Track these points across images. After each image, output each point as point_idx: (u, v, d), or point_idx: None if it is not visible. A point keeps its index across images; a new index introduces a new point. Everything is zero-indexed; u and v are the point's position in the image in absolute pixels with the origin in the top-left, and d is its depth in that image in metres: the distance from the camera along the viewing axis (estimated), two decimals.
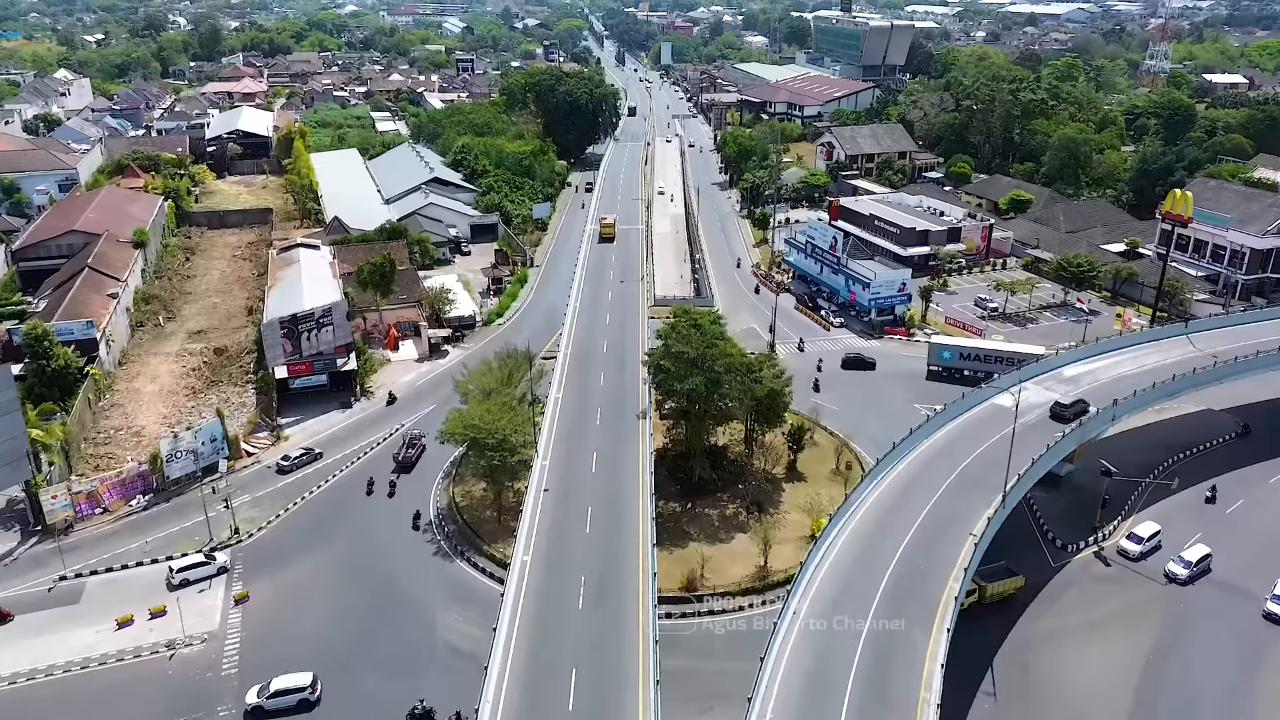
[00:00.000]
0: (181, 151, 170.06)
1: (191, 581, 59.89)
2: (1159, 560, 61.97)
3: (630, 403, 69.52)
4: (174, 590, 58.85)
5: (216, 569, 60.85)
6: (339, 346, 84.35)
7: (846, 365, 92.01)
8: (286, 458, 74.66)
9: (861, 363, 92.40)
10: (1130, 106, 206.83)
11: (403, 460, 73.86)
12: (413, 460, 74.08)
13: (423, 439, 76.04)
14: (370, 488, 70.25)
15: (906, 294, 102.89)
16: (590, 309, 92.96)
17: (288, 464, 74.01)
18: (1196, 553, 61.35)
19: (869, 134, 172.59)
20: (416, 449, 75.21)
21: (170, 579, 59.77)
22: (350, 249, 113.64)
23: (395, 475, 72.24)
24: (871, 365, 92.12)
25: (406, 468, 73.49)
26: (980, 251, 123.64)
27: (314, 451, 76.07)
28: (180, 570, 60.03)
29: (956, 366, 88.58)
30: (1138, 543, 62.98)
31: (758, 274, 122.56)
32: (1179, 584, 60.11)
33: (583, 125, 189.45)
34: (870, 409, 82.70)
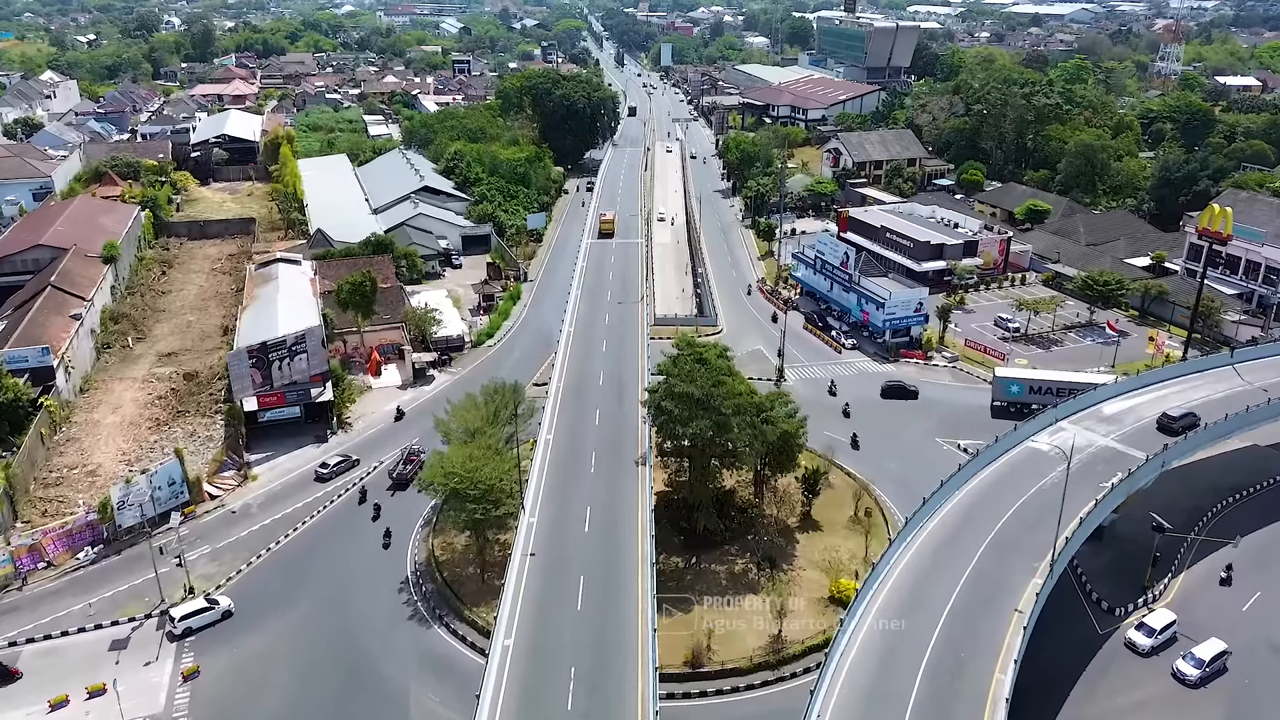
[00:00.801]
0: (163, 158, 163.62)
1: (196, 630, 55.23)
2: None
3: (629, 445, 63.21)
4: (175, 641, 54.35)
5: (221, 613, 56.18)
6: (314, 375, 78.02)
7: (887, 394, 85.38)
8: (325, 464, 73.12)
9: (903, 391, 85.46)
10: (1144, 110, 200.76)
11: (398, 477, 70.93)
12: (409, 476, 70.37)
13: (422, 454, 72.09)
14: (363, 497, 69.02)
15: (923, 314, 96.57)
16: (586, 333, 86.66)
17: (326, 471, 72.40)
18: (1210, 649, 52.27)
19: (877, 140, 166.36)
20: (414, 465, 71.21)
21: (171, 629, 54.97)
22: (333, 264, 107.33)
23: (390, 492, 69.86)
24: (914, 394, 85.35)
25: (402, 484, 70.34)
26: (998, 266, 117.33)
27: (351, 458, 74.41)
28: (183, 619, 55.21)
29: (1025, 401, 79.21)
30: (1149, 635, 53.67)
31: (763, 290, 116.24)
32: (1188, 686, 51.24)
33: (580, 130, 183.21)
34: (889, 443, 76.44)
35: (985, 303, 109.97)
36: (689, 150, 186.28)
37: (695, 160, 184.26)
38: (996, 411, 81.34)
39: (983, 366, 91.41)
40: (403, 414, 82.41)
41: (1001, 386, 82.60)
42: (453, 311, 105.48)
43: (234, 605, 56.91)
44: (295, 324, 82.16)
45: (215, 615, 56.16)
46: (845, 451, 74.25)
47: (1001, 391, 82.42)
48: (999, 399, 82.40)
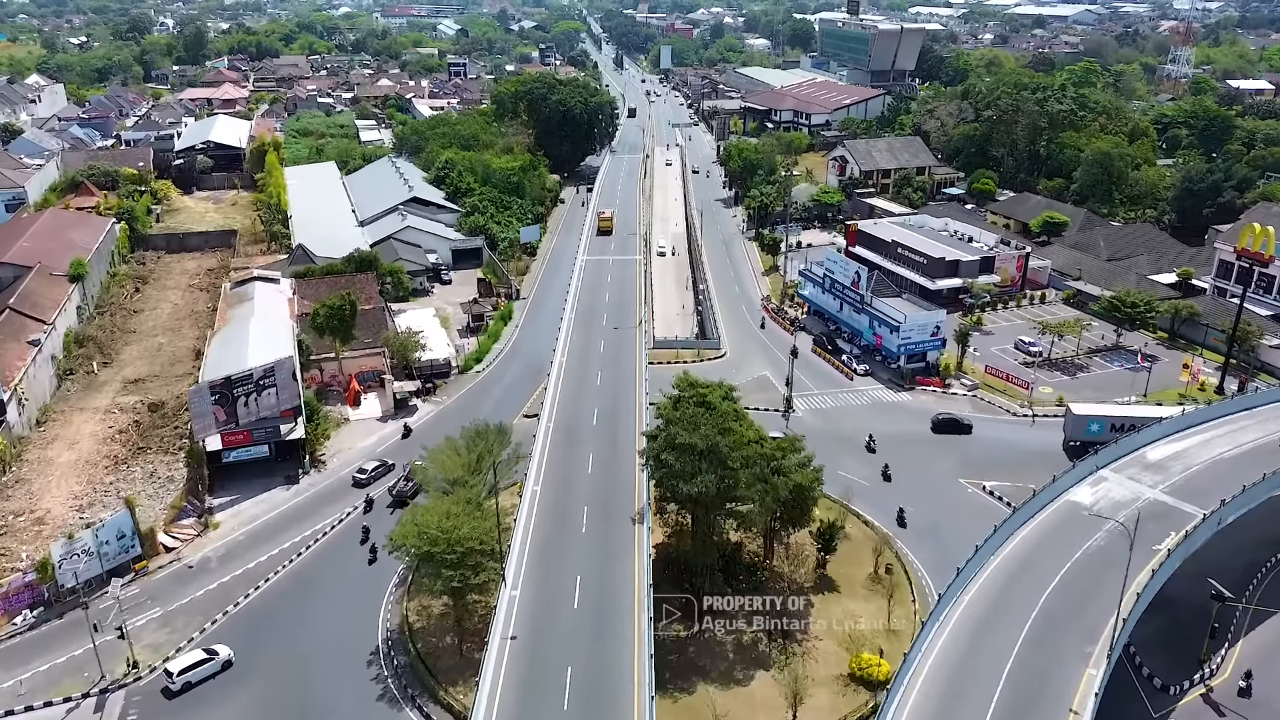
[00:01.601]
0: (143, 166, 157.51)
1: (195, 684, 50.71)
2: None
3: (624, 498, 57.18)
4: (173, 698, 50.02)
5: (221, 664, 52.14)
6: (285, 410, 71.90)
7: (939, 429, 79.12)
8: (363, 469, 72.12)
9: (956, 426, 79.10)
10: (1158, 115, 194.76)
11: (399, 495, 68.23)
12: (409, 495, 67.67)
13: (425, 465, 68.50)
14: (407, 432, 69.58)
15: (940, 338, 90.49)
16: (579, 363, 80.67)
17: (364, 476, 71.32)
18: None
19: (885, 147, 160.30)
20: (413, 483, 67.93)
21: (170, 685, 50.26)
22: (313, 283, 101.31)
23: (391, 510, 67.19)
24: (968, 429, 79.04)
25: (402, 502, 67.33)
26: (1015, 283, 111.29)
27: (387, 463, 73.38)
28: (181, 673, 50.64)
29: (1104, 440, 69.26)
30: None
31: (768, 308, 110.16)
32: None
33: (577, 136, 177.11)
34: (909, 484, 70.35)
35: (1004, 323, 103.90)
36: (690, 163, 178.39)
37: (698, 175, 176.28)
38: (1072, 451, 73.74)
39: (1005, 395, 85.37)
40: (410, 431, 79.04)
41: (1079, 424, 74.80)
42: (440, 333, 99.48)
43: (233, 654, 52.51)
44: (266, 354, 76.05)
45: (215, 666, 51.77)
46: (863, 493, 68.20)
47: (1080, 430, 74.52)
48: (1075, 438, 74.58)
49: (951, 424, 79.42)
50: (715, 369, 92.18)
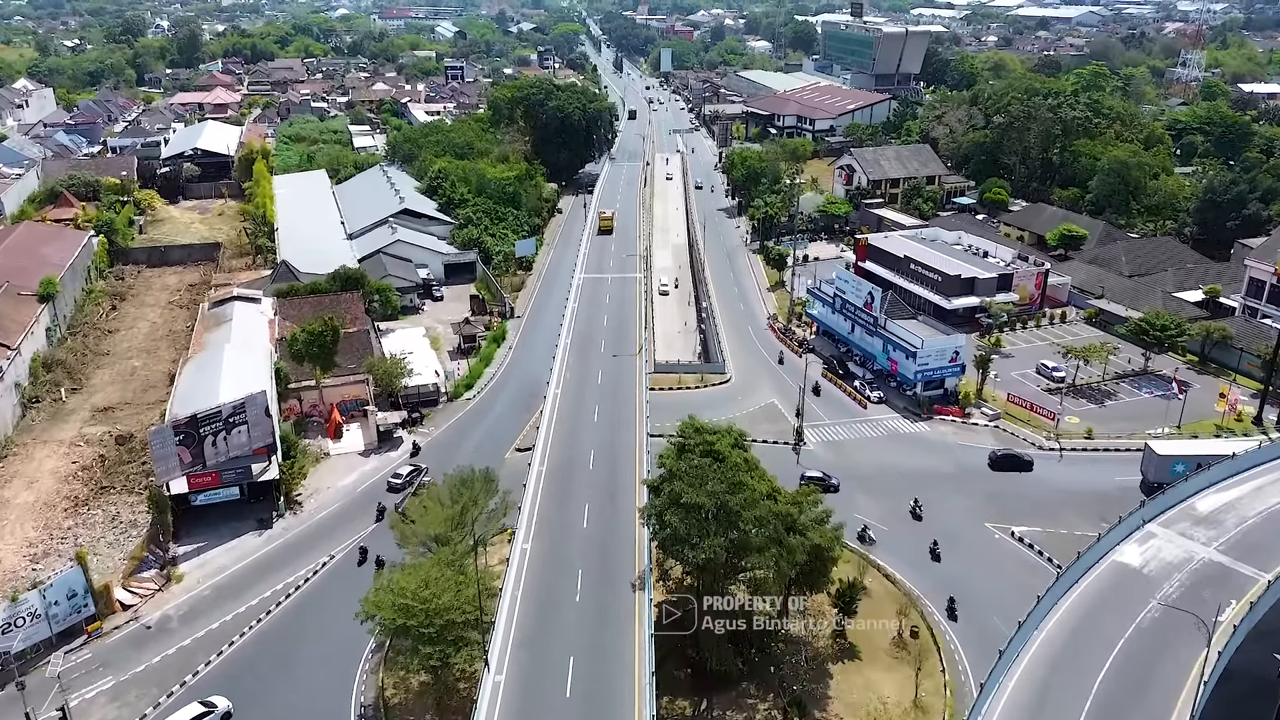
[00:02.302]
0: (126, 175, 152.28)
1: None
2: None
3: (623, 558, 51.94)
4: None
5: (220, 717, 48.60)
6: (258, 448, 66.67)
7: (998, 466, 73.47)
8: (398, 474, 70.86)
9: (1016, 463, 73.53)
10: (1172, 121, 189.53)
11: (405, 512, 62.92)
12: None
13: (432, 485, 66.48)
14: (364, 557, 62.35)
15: (960, 364, 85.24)
16: (575, 395, 75.46)
17: (399, 482, 69.97)
18: None
19: (893, 156, 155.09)
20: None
21: None
22: (296, 302, 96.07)
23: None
24: (1029, 466, 73.57)
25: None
26: (1034, 301, 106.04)
27: (421, 466, 72.32)
28: None
29: None
30: None
31: (774, 327, 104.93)
32: None
33: (575, 143, 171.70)
34: (931, 531, 65.05)
35: (1023, 345, 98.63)
36: (694, 178, 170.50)
37: (701, 190, 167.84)
38: (1149, 491, 66.65)
39: (1029, 427, 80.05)
40: (419, 449, 76.21)
41: (1162, 465, 68.31)
42: (429, 355, 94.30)
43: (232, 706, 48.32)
44: (240, 386, 70.82)
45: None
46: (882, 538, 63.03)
47: (1163, 471, 67.61)
48: (1156, 478, 67.86)
49: (1011, 461, 73.55)
50: (720, 396, 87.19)
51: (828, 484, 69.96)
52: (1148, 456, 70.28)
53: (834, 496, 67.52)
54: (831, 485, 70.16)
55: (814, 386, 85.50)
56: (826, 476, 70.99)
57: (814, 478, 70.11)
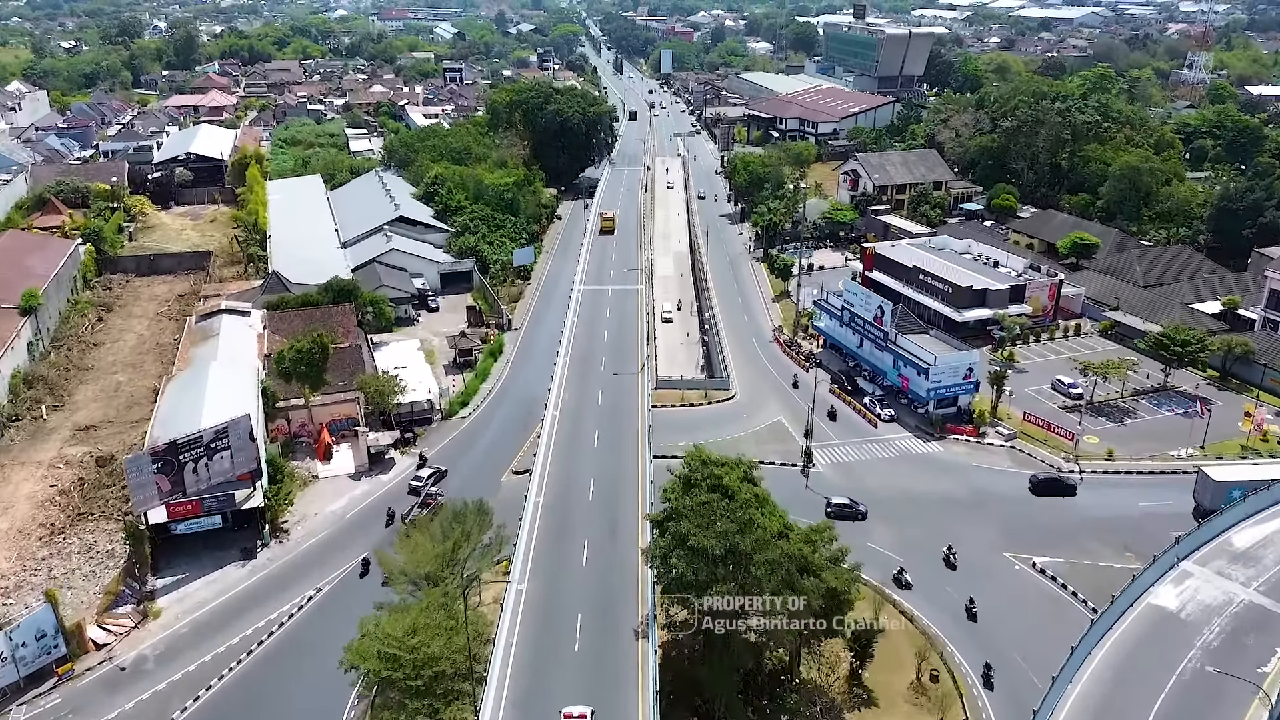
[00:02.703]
0: (117, 181, 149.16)
1: None
2: None
3: (625, 602, 48.83)
4: None
5: None
6: (242, 474, 63.60)
7: (1040, 490, 70.26)
8: (419, 478, 70.84)
9: (1059, 487, 70.31)
10: (1181, 124, 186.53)
11: (412, 523, 63.04)
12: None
13: (440, 496, 67.17)
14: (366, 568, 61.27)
15: (974, 381, 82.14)
16: (574, 417, 72.32)
17: (419, 485, 69.70)
18: None
19: (899, 161, 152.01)
20: (431, 509, 65.07)
21: None
22: (286, 315, 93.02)
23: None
24: (1072, 491, 70.25)
25: None
26: (1047, 313, 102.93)
27: (441, 469, 72.45)
28: None
29: None
30: None
31: (780, 340, 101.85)
32: None
33: (575, 148, 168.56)
34: (942, 561, 62.01)
35: (1036, 359, 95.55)
36: (696, 189, 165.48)
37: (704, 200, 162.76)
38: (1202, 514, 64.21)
39: (1046, 447, 76.98)
40: (425, 460, 74.61)
41: (1218, 491, 64.65)
42: (424, 369, 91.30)
43: None
44: (224, 407, 67.88)
45: None
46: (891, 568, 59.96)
47: (1219, 498, 63.98)
48: (1212, 505, 63.92)
49: (1053, 485, 70.27)
50: (725, 413, 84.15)
51: (855, 511, 67.02)
52: (1201, 482, 66.83)
53: (847, 525, 64.54)
54: (859, 513, 67.16)
55: (829, 411, 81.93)
56: (854, 504, 67.87)
57: (840, 505, 67.12)
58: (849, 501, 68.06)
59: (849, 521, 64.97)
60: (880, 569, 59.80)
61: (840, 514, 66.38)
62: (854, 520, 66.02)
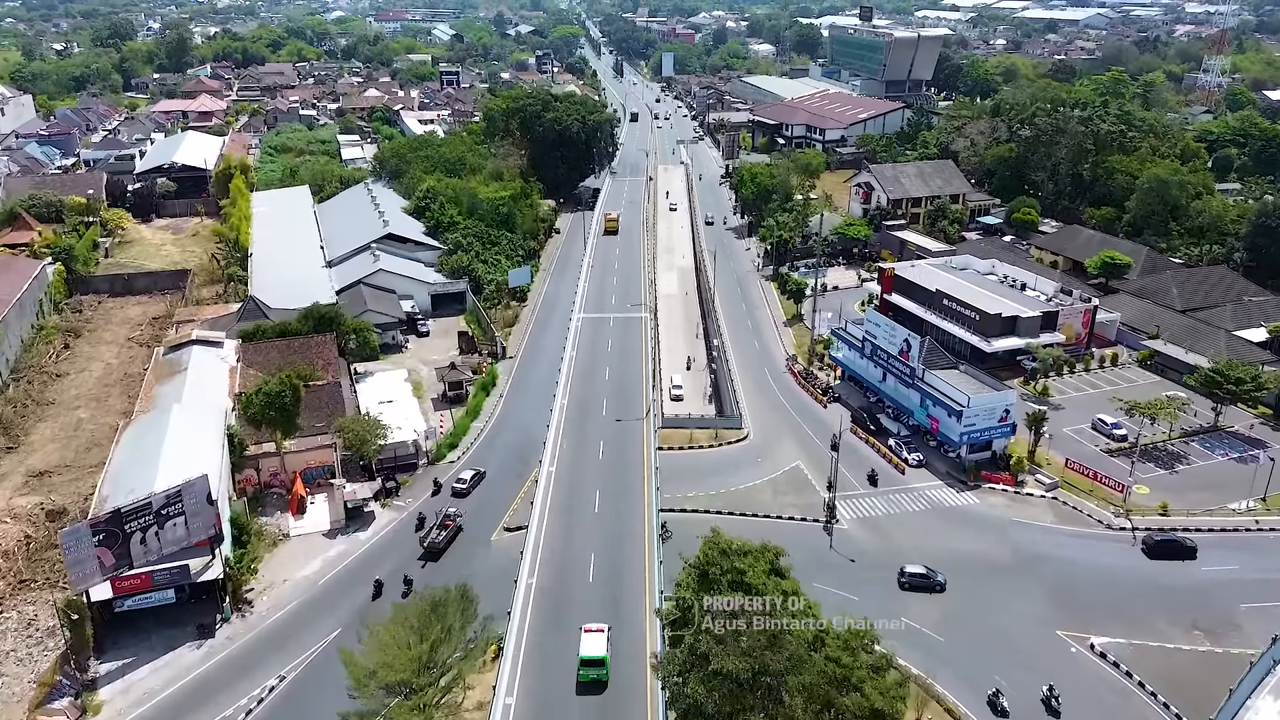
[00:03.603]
0: (93, 194, 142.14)
1: None
2: None
3: None
4: None
5: None
6: (199, 540, 56.62)
7: (1156, 554, 62.51)
8: (461, 479, 71.12)
9: (1178, 549, 62.32)
10: (1203, 132, 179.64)
11: (430, 546, 62.59)
12: (441, 545, 62.96)
13: (458, 517, 65.64)
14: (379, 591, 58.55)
15: (1010, 424, 75.13)
16: (572, 480, 65.62)
17: (463, 487, 70.12)
18: None
19: (914, 172, 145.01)
20: (449, 530, 63.98)
21: None
22: (262, 347, 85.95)
23: (421, 562, 61.48)
24: (1192, 553, 62.35)
25: (434, 555, 62.51)
26: (1081, 341, 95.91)
27: (480, 471, 72.28)
28: None
29: None
30: None
31: (794, 370, 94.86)
32: None
33: (574, 158, 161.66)
34: (991, 639, 55.12)
35: (1072, 393, 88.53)
36: (704, 214, 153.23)
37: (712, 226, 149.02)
38: None
39: (1092, 498, 70.00)
40: (440, 487, 71.24)
41: None
42: (411, 404, 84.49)
43: None
44: (184, 460, 60.99)
45: None
46: (934, 650, 52.96)
47: None
48: None
49: (1172, 548, 62.33)
50: (737, 457, 77.15)
51: (933, 582, 59.67)
52: None
53: (880, 594, 57.76)
54: (937, 583, 59.72)
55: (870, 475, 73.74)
56: (931, 573, 60.18)
57: (916, 575, 59.89)
58: (926, 571, 60.31)
59: (926, 594, 58.23)
60: (921, 651, 52.81)
61: (916, 585, 59.32)
62: (932, 592, 58.85)
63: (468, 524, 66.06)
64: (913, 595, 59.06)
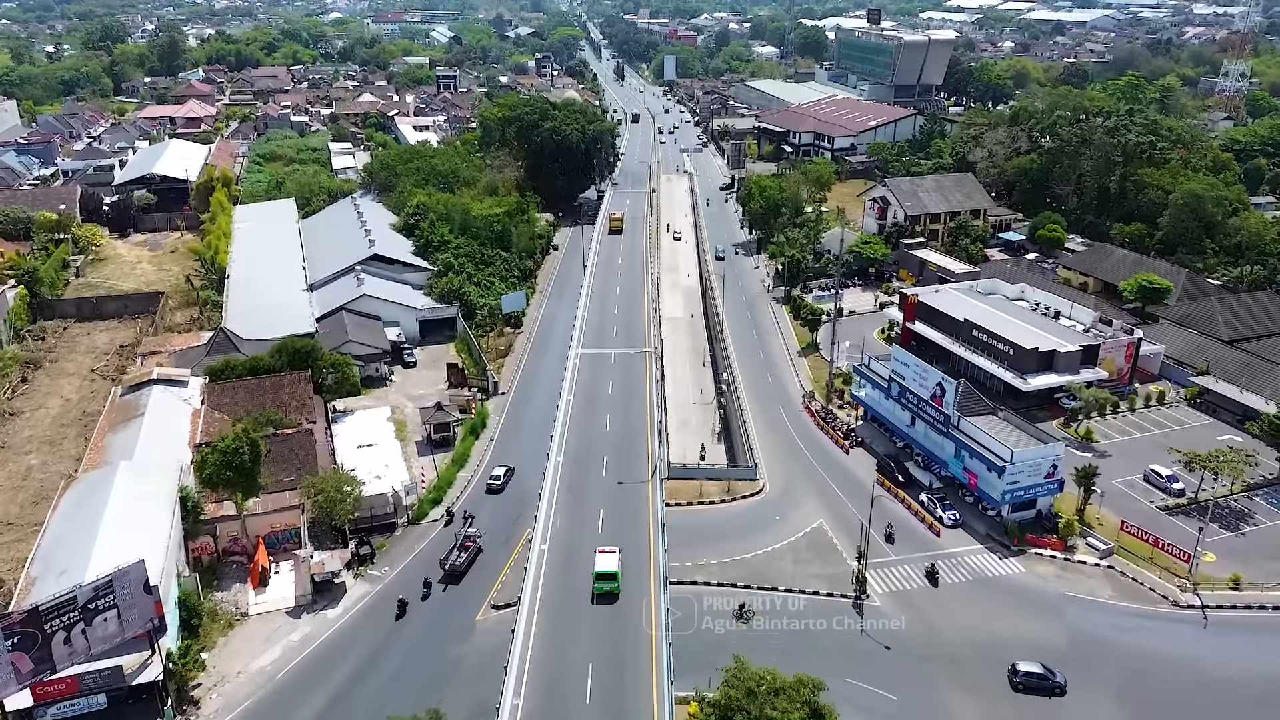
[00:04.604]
0: (65, 209, 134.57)
1: None
2: None
3: None
4: None
5: None
6: (137, 633, 49.00)
7: (1021, 687, 52.38)
8: (496, 475, 72.15)
9: (1045, 687, 52.00)
10: (1229, 141, 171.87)
11: (451, 569, 60.54)
12: (462, 568, 61.04)
13: (479, 538, 63.76)
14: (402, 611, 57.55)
15: (1058, 480, 67.44)
16: (567, 559, 57.71)
17: (498, 483, 71.22)
18: None
19: (933, 186, 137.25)
20: (470, 552, 62.15)
21: None
22: (229, 387, 78.43)
23: (442, 585, 59.97)
24: (1060, 690, 51.89)
25: (455, 578, 60.48)
26: (1123, 377, 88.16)
27: (511, 468, 73.15)
28: None
29: None
30: None
31: (811, 409, 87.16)
32: None
33: (573, 169, 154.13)
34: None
35: (1117, 436, 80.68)
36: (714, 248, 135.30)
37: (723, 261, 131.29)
38: None
39: (1153, 567, 62.26)
40: (452, 516, 67.71)
41: None
42: (393, 448, 77.06)
43: None
44: (127, 534, 53.40)
45: None
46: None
47: None
48: None
49: (1039, 684, 52.01)
50: (752, 515, 69.45)
51: (1052, 684, 51.39)
52: None
53: (920, 695, 50.15)
54: (1056, 685, 51.35)
55: (887, 533, 66.12)
56: (1050, 674, 51.76)
57: (1032, 675, 51.68)
58: (1044, 671, 51.91)
59: (1043, 697, 50.65)
60: None
61: (1032, 686, 51.44)
62: (1051, 695, 50.78)
63: (449, 598, 58.42)
64: (955, 693, 51.34)
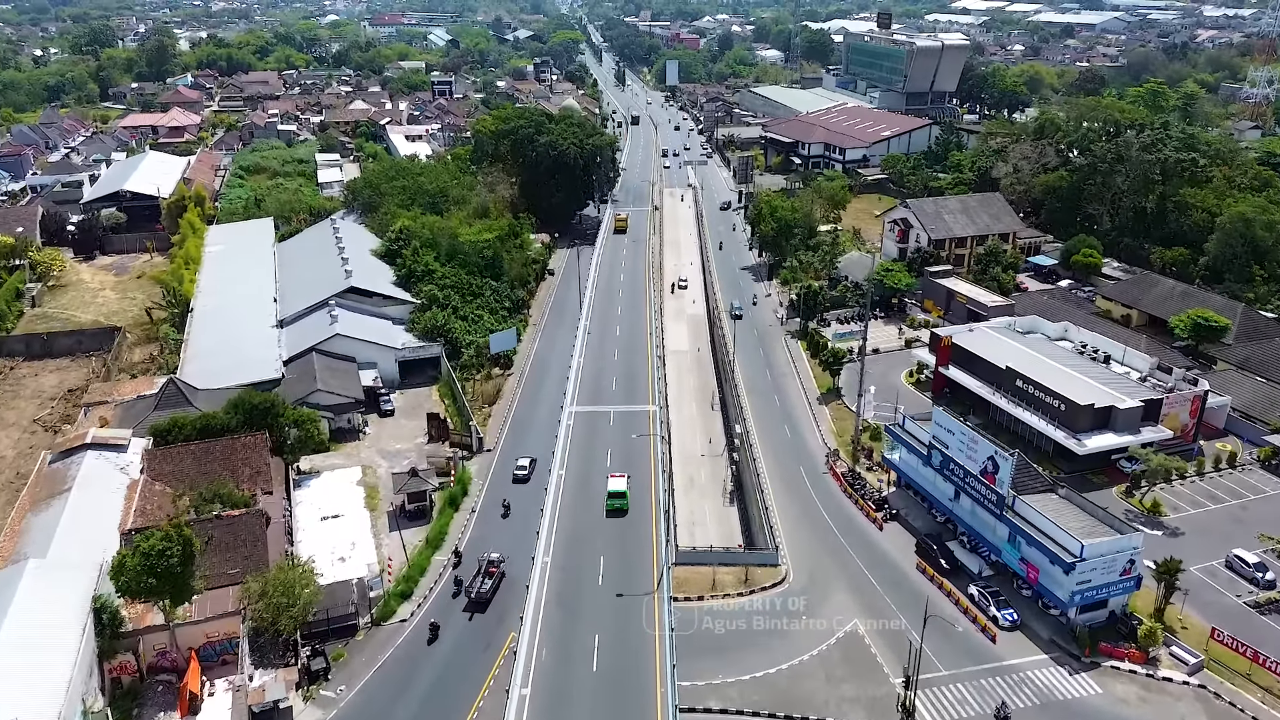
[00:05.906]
0: (23, 232, 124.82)
1: None
2: None
3: None
4: None
5: None
6: None
7: None
8: (522, 465, 73.87)
9: None
10: (1266, 153, 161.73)
11: (476, 596, 58.85)
12: (488, 595, 59.17)
13: (502, 563, 61.70)
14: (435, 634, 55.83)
15: (1135, 576, 57.50)
16: (562, 691, 47.83)
17: (524, 473, 72.85)
18: None
19: (959, 208, 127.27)
20: (494, 578, 60.18)
21: None
22: (173, 454, 68.64)
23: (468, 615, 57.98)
24: None
25: (480, 605, 58.64)
26: (1188, 435, 78.15)
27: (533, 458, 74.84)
28: None
29: None
30: None
31: (835, 469, 77.24)
32: None
33: (571, 186, 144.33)
34: None
35: (1188, 508, 70.70)
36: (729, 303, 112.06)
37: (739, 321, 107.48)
38: None
39: (1253, 685, 52.36)
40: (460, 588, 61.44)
41: None
42: (361, 518, 67.58)
43: None
44: (18, 671, 43.60)
45: None
46: None
47: None
48: None
49: None
50: (774, 612, 59.44)
51: None
52: None
53: None
54: None
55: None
56: None
57: None
58: None
59: None
60: None
61: None
62: None
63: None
64: None
